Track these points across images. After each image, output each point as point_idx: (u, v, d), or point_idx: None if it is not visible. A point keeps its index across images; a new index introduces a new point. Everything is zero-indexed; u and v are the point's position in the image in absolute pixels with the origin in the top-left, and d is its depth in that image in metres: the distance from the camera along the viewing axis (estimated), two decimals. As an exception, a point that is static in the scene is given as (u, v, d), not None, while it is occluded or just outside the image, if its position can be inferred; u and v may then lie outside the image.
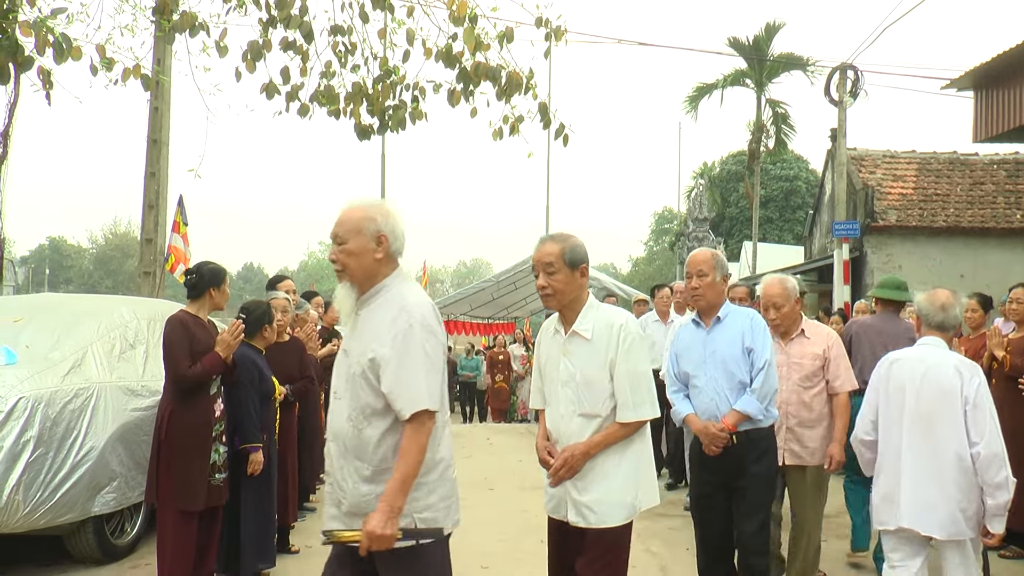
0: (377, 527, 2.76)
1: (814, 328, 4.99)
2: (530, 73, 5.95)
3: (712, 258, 4.33)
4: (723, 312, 4.33)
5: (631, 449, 3.45)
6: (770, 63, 24.15)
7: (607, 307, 3.59)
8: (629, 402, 3.38)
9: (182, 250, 10.30)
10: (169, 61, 9.52)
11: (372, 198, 3.20)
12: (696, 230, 22.25)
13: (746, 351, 4.23)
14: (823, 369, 4.85)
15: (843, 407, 4.83)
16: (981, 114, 11.09)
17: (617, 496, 3.39)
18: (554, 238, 3.52)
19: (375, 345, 2.92)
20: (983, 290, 7.36)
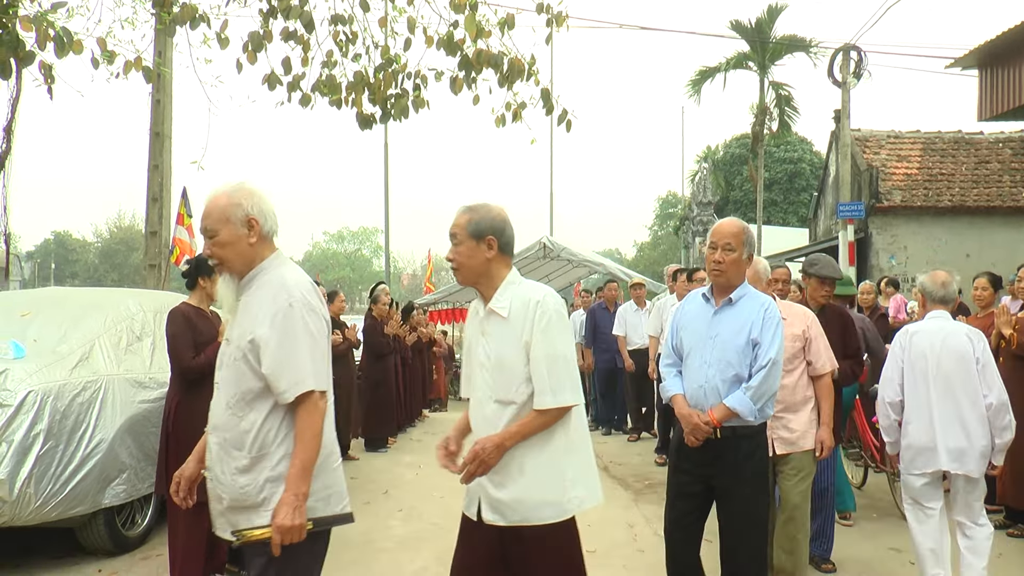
0: (285, 519, 2.68)
1: (790, 309, 4.72)
2: (532, 59, 5.93)
3: (742, 232, 3.97)
4: (737, 294, 3.98)
5: (554, 441, 3.08)
6: (773, 45, 24.02)
7: (530, 284, 3.24)
8: (547, 387, 3.02)
9: (187, 242, 10.33)
10: (170, 53, 9.51)
11: (234, 181, 3.06)
12: (700, 214, 22.24)
13: (751, 343, 3.88)
14: (803, 351, 4.65)
15: (827, 389, 4.65)
16: (986, 93, 11.05)
17: (539, 493, 3.04)
18: (467, 208, 3.20)
19: (254, 326, 2.82)
20: (989, 269, 7.35)
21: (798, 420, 4.60)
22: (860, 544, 5.80)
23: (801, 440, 4.58)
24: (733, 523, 3.88)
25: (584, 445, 3.21)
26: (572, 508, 3.07)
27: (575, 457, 3.14)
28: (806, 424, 4.60)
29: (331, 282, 65.42)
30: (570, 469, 3.09)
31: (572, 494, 3.07)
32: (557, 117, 6.04)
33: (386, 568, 5.38)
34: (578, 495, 3.08)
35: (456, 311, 21.39)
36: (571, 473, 3.09)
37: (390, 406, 10.30)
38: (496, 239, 3.15)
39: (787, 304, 4.74)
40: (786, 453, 4.59)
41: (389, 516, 6.69)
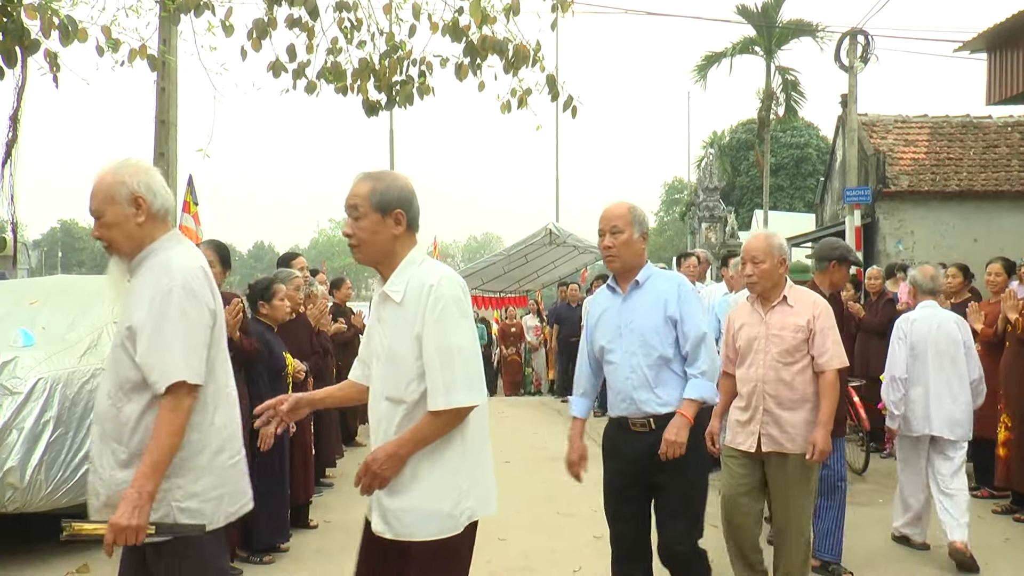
0: (121, 518, 2.47)
1: (799, 295, 4.35)
2: (537, 45, 5.91)
3: (628, 212, 3.79)
4: (642, 275, 3.83)
5: (451, 445, 2.71)
6: (779, 30, 23.91)
7: (431, 264, 2.82)
8: (439, 385, 2.63)
9: (193, 230, 10.32)
10: (175, 41, 9.49)
11: (122, 158, 2.86)
12: (707, 199, 22.16)
13: (669, 321, 3.72)
14: (807, 343, 4.22)
15: (830, 387, 4.18)
16: (995, 76, 10.98)
17: (431, 502, 2.68)
18: (368, 175, 2.82)
19: (133, 312, 2.65)
20: (997, 254, 7.34)
21: (793, 419, 4.19)
22: (867, 530, 5.82)
23: (794, 443, 4.18)
24: (667, 516, 3.78)
25: (482, 450, 2.86)
26: (463, 521, 2.73)
27: (471, 464, 2.79)
28: (801, 425, 4.18)
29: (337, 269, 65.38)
30: (466, 477, 2.75)
31: (465, 505, 2.73)
32: (563, 103, 6.02)
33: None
34: (470, 506, 2.75)
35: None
36: (466, 482, 2.74)
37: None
38: (404, 213, 2.79)
39: (800, 290, 4.39)
40: (772, 451, 4.22)
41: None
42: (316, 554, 5.45)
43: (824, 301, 4.39)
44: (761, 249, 4.26)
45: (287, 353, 5.55)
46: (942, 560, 5.28)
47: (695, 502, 3.80)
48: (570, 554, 5.35)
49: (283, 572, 5.17)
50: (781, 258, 4.27)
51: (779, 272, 4.27)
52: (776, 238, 4.34)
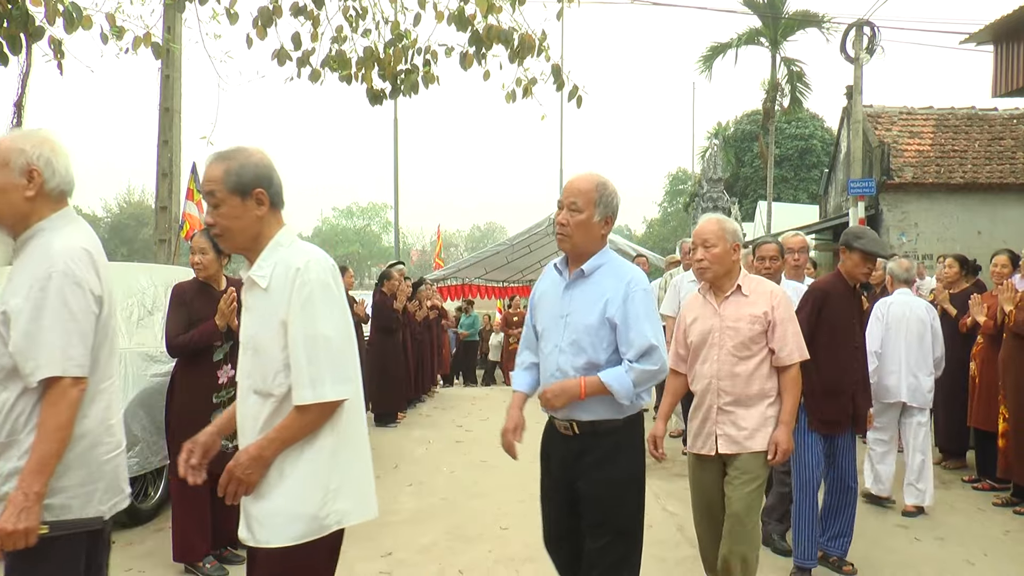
0: (8, 522, 2.33)
1: (755, 285, 4.02)
2: (543, 35, 5.90)
3: (594, 189, 3.35)
4: (592, 264, 3.38)
5: (319, 441, 2.51)
6: (785, 21, 23.83)
7: (302, 245, 2.62)
8: (305, 378, 2.44)
9: (196, 217, 10.34)
10: (179, 29, 9.49)
11: (35, 128, 2.66)
12: (710, 190, 22.12)
13: (606, 322, 3.28)
14: (765, 335, 3.91)
15: (792, 382, 3.92)
16: (1001, 68, 10.93)
17: (295, 504, 2.49)
18: (220, 156, 2.58)
19: (9, 295, 2.48)
20: (1001, 246, 7.35)
21: (749, 417, 3.90)
22: (867, 520, 5.83)
23: (750, 440, 3.88)
24: (592, 532, 3.35)
25: (356, 448, 2.64)
26: (331, 523, 2.52)
27: (343, 463, 2.57)
28: (758, 422, 3.89)
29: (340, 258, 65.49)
30: (335, 477, 2.54)
31: (334, 507, 2.52)
32: (567, 93, 6.01)
33: (396, 542, 5.43)
34: (341, 508, 2.53)
35: (466, 287, 21.43)
36: (335, 482, 2.53)
37: (400, 381, 10.36)
38: (265, 191, 2.57)
39: (756, 279, 4.07)
40: (731, 454, 3.92)
41: (399, 491, 6.74)
42: (318, 541, 5.47)
43: (783, 292, 4.04)
44: (713, 232, 3.96)
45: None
46: (940, 550, 5.30)
47: (621, 519, 3.37)
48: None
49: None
50: (734, 244, 3.96)
51: (732, 258, 3.96)
52: (730, 223, 4.03)
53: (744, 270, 4.05)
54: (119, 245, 66.46)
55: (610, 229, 3.44)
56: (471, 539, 5.49)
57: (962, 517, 6.06)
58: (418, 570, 4.99)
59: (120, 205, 69.47)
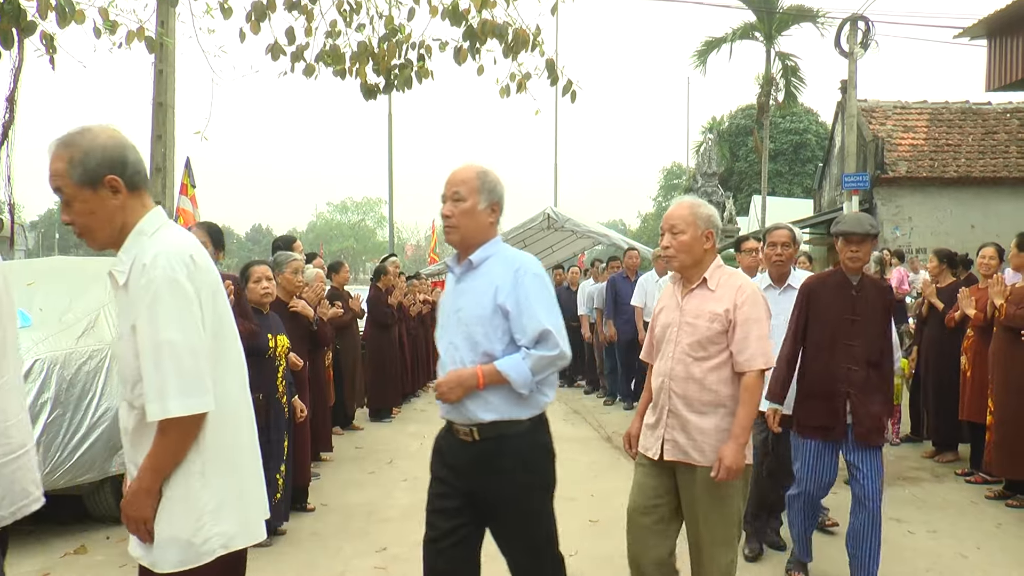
0: None
1: (725, 278, 3.59)
2: (537, 30, 5.89)
3: (476, 177, 3.20)
4: (481, 254, 3.20)
5: (184, 462, 2.29)
6: (780, 15, 23.85)
7: (167, 233, 2.38)
8: (153, 392, 2.21)
9: (191, 212, 10.32)
10: (173, 23, 9.45)
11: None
12: (705, 184, 22.17)
13: (498, 311, 3.10)
14: (726, 335, 3.49)
15: (749, 392, 3.45)
16: (994, 63, 10.96)
17: (166, 529, 2.30)
18: (61, 143, 2.30)
19: None
20: (994, 240, 7.39)
21: (702, 425, 3.48)
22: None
23: (702, 453, 3.48)
24: (507, 549, 3.19)
25: (234, 463, 2.42)
26: (212, 548, 2.32)
27: (218, 482, 2.35)
28: (712, 433, 3.47)
29: (335, 253, 65.45)
30: (210, 499, 2.32)
31: (214, 530, 2.32)
32: (562, 88, 6.00)
33: (391, 537, 5.44)
34: (223, 531, 2.34)
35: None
36: (212, 504, 2.32)
37: (395, 376, 10.36)
38: (119, 176, 2.30)
39: (728, 272, 3.66)
40: (682, 463, 3.53)
41: (393, 486, 6.74)
42: (312, 537, 5.48)
43: (753, 289, 3.58)
44: (682, 218, 3.57)
45: (281, 335, 5.51)
46: (933, 543, 5.33)
47: (541, 529, 3.20)
48: (566, 537, 5.32)
49: (280, 555, 5.20)
50: (707, 231, 3.57)
51: (702, 247, 3.56)
52: (704, 207, 3.63)
53: (718, 261, 3.66)
54: (113, 240, 66.18)
55: (498, 217, 3.26)
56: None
57: (955, 510, 6.08)
58: (413, 565, 4.99)
59: (114, 200, 69.20)
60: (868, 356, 4.39)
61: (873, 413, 4.37)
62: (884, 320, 4.46)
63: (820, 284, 4.59)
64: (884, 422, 4.45)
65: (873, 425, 4.37)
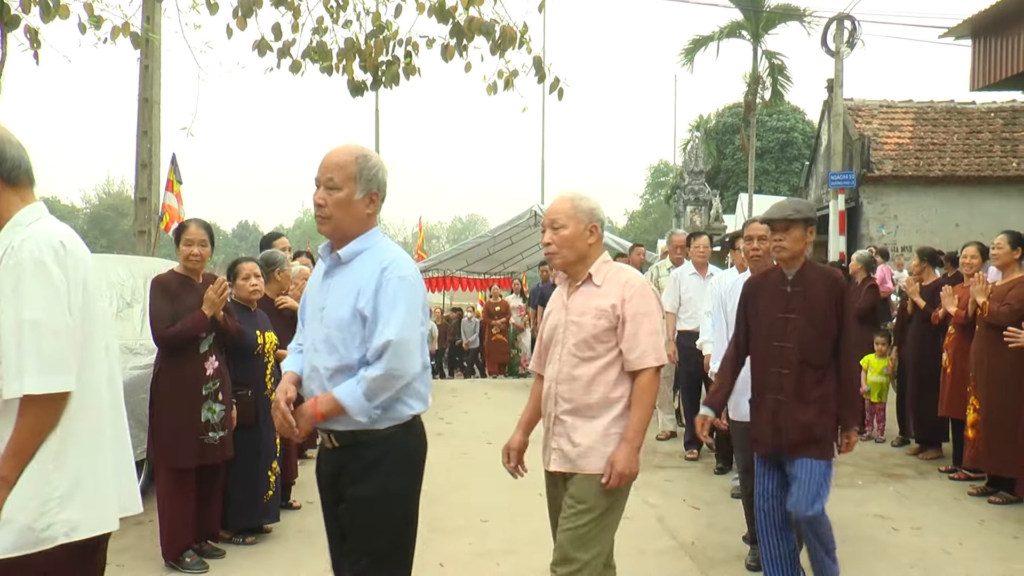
0: None
1: (612, 273, 3.35)
2: (524, 27, 5.90)
3: (352, 163, 2.90)
4: (351, 249, 2.94)
5: (43, 443, 2.23)
6: (767, 14, 23.91)
7: (44, 224, 2.36)
8: (12, 368, 2.18)
9: (176, 208, 10.29)
10: (159, 19, 9.42)
11: None
12: (692, 183, 22.18)
13: (358, 316, 2.84)
14: (613, 332, 3.24)
15: (644, 392, 3.21)
16: (979, 62, 11.02)
17: (8, 511, 2.20)
18: None
19: None
20: (978, 238, 7.44)
21: (588, 430, 3.23)
22: (845, 510, 5.88)
23: (583, 459, 3.22)
24: (348, 556, 2.95)
25: (94, 448, 2.34)
26: (52, 535, 2.22)
27: (73, 466, 2.27)
28: (598, 438, 3.21)
29: (322, 249, 65.05)
30: (61, 483, 2.25)
31: (58, 517, 2.23)
32: (549, 85, 6.02)
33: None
34: (67, 519, 2.25)
35: (448, 279, 21.42)
36: (61, 488, 2.25)
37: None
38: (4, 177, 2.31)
39: (615, 267, 3.41)
40: (562, 472, 3.30)
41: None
42: (298, 534, 5.47)
43: (641, 282, 3.34)
44: (564, 212, 3.33)
45: (269, 332, 5.50)
46: (917, 539, 5.36)
47: (378, 542, 2.92)
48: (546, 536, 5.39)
49: (265, 552, 5.19)
50: (591, 225, 3.34)
51: (586, 242, 3.33)
52: (586, 200, 3.37)
53: (605, 256, 3.42)
54: (98, 236, 65.97)
55: (377, 208, 2.98)
56: (451, 532, 5.50)
57: (938, 507, 6.13)
58: (399, 562, 4.99)
59: (99, 196, 68.92)
60: (803, 357, 3.93)
61: (804, 422, 3.90)
62: (830, 315, 3.95)
63: (758, 282, 4.25)
64: (823, 432, 3.93)
65: (803, 436, 3.90)
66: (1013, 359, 5.83)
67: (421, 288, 2.97)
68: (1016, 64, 10.12)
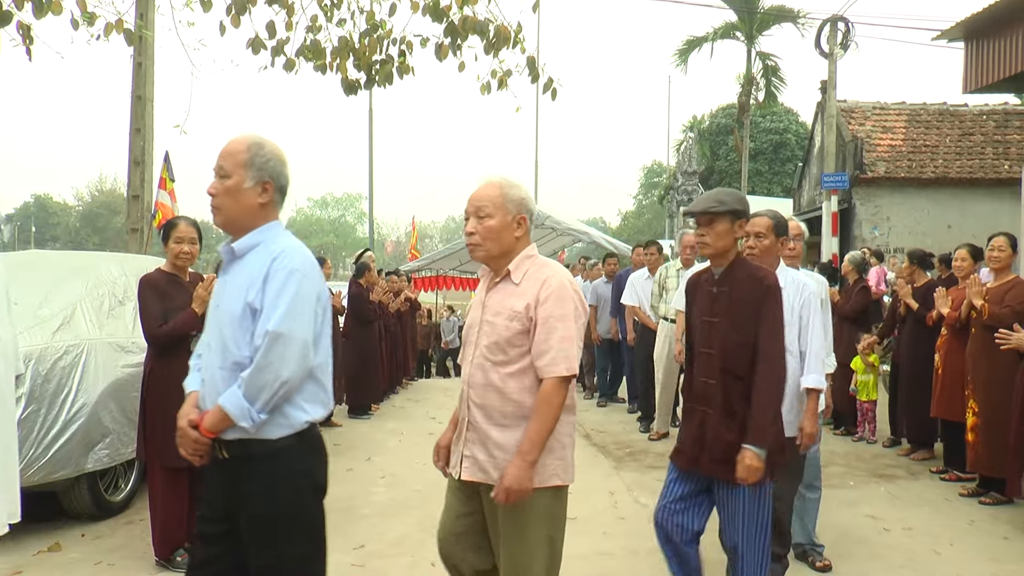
0: None
1: (533, 270, 3.06)
2: (518, 27, 5.90)
3: (245, 149, 2.78)
4: (246, 242, 2.77)
5: None
6: (760, 15, 23.98)
7: None
8: None
9: (169, 206, 10.25)
10: (152, 15, 9.39)
11: None
12: (685, 183, 22.24)
13: (248, 310, 2.65)
14: (527, 336, 2.97)
15: (546, 402, 2.92)
16: (971, 65, 11.05)
17: None
18: None
19: None
20: (970, 240, 7.44)
21: (503, 440, 2.99)
22: (837, 511, 5.90)
23: (498, 471, 2.99)
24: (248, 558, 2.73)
25: None
26: None
27: None
28: (513, 449, 2.97)
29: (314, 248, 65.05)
30: None
31: None
32: (543, 85, 6.01)
33: (368, 534, 5.43)
34: None
35: (441, 278, 21.39)
36: None
37: (374, 373, 10.33)
38: None
39: (537, 264, 3.10)
40: (475, 482, 3.07)
41: (371, 483, 6.73)
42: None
43: (560, 283, 3.01)
44: (491, 200, 3.02)
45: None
46: (908, 540, 5.38)
47: (283, 567, 2.71)
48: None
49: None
50: (519, 216, 3.06)
51: (512, 235, 3.05)
52: (518, 189, 3.09)
53: (529, 251, 3.12)
54: (91, 234, 65.73)
55: (272, 198, 2.81)
56: (444, 530, 5.49)
57: (929, 508, 6.14)
58: (390, 562, 4.99)
59: (92, 193, 68.73)
60: (725, 365, 3.51)
61: (728, 440, 3.46)
62: (753, 319, 3.49)
63: (695, 281, 3.83)
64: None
65: (726, 455, 3.46)
66: (1009, 361, 5.82)
67: (314, 282, 2.73)
68: (1008, 67, 10.15)
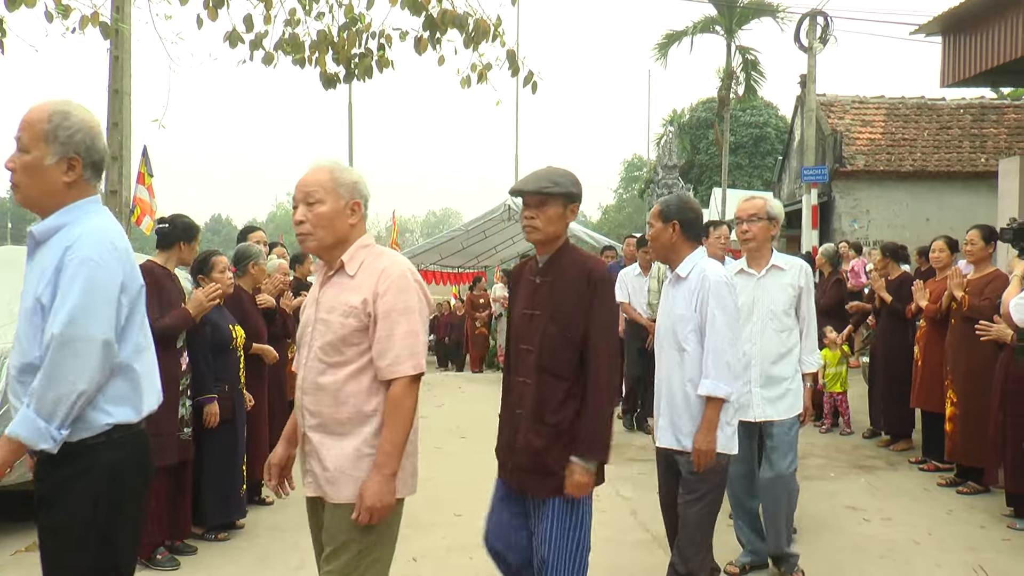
0: None
1: (369, 260, 2.78)
2: (498, 20, 5.87)
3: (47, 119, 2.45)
4: (46, 227, 2.52)
5: None
6: (740, 10, 24.00)
7: None
8: None
9: (147, 202, 10.17)
10: (129, 8, 9.28)
11: None
12: (665, 177, 22.22)
13: (39, 307, 2.41)
14: (366, 333, 2.70)
15: (396, 407, 2.67)
16: (949, 59, 11.13)
17: None
18: None
19: None
20: (948, 233, 7.51)
21: (338, 452, 2.71)
22: (817, 503, 5.94)
23: (332, 486, 2.72)
24: None
25: None
26: None
27: None
28: (350, 461, 2.69)
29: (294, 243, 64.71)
30: None
31: None
32: (523, 79, 5.99)
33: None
34: None
35: (421, 272, 21.29)
36: None
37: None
38: None
39: (373, 253, 2.83)
40: (317, 497, 2.79)
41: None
42: (271, 530, 5.44)
43: (400, 272, 2.76)
44: (320, 185, 2.75)
45: (237, 327, 5.45)
46: (887, 529, 5.42)
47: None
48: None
49: (237, 549, 5.16)
50: (353, 202, 2.80)
51: (346, 222, 2.78)
52: (349, 173, 2.83)
53: (364, 240, 2.84)
54: (68, 230, 65.02)
55: (80, 176, 2.50)
56: (424, 526, 5.48)
57: (908, 498, 6.20)
58: None
59: (68, 189, 68.03)
60: (542, 364, 3.16)
61: (537, 448, 3.13)
62: (580, 313, 3.14)
63: (519, 270, 3.53)
64: (559, 464, 3.11)
65: (532, 464, 3.14)
66: (988, 352, 5.88)
67: (111, 271, 2.42)
68: (985, 61, 10.22)
